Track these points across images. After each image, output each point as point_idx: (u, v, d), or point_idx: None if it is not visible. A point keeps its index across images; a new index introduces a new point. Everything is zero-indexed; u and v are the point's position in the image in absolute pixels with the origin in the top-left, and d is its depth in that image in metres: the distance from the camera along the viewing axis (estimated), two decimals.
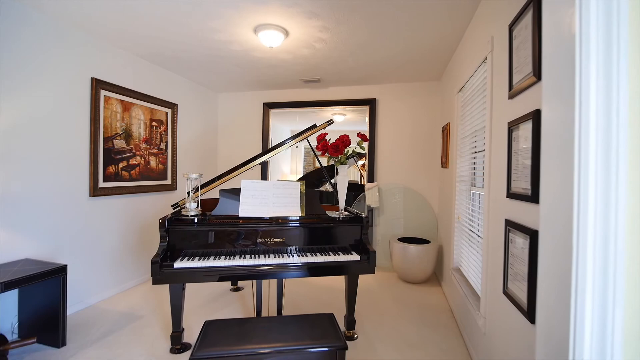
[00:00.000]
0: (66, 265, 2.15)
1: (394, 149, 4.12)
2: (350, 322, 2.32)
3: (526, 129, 1.31)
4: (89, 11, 2.31)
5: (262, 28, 2.48)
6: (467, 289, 2.31)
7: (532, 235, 1.23)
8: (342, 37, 2.67)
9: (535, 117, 1.23)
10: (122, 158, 3.06)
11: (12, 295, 2.24)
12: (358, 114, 5.09)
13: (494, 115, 1.76)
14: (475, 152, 2.39)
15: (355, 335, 2.32)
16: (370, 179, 4.19)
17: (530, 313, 1.23)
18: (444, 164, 3.39)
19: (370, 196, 4.01)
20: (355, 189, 4.38)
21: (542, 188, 1.19)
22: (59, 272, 2.11)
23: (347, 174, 4.97)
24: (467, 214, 2.51)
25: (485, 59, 1.91)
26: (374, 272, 2.10)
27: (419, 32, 2.57)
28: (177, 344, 2.12)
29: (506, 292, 1.50)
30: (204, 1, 2.15)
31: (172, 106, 3.69)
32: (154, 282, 1.84)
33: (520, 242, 1.35)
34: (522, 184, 1.34)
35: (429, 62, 3.25)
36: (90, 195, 2.75)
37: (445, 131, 3.32)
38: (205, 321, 1.68)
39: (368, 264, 2.09)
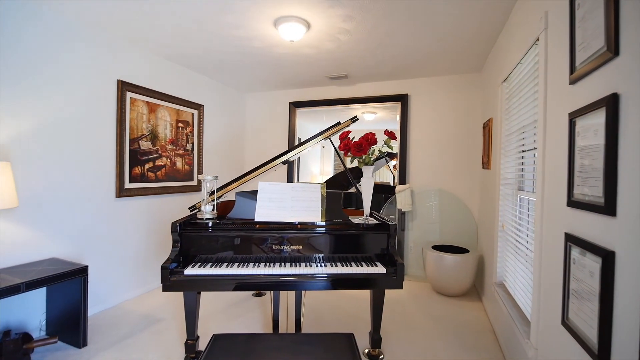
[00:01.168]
0: (87, 266, 2.16)
1: (429, 149, 3.80)
2: (376, 340, 2.09)
3: (596, 119, 1.02)
4: (113, 14, 2.31)
5: (282, 21, 2.34)
6: (514, 310, 1.98)
7: (606, 258, 0.94)
8: (368, 26, 2.45)
9: (610, 103, 0.94)
10: (148, 159, 3.08)
11: (41, 294, 2.30)
12: (389, 111, 4.80)
13: (550, 106, 1.46)
14: (523, 151, 2.06)
15: (381, 356, 2.10)
16: (402, 180, 3.90)
17: (602, 357, 0.95)
18: (486, 164, 3.03)
19: (402, 199, 3.73)
20: (387, 191, 4.12)
21: (622, 196, 0.90)
22: (80, 273, 2.12)
23: (378, 174, 4.72)
24: (513, 221, 2.18)
25: (537, 39, 1.60)
26: (401, 287, 1.86)
27: (456, 17, 2.29)
28: (192, 353, 2.03)
29: (566, 324, 1.20)
30: None
31: (198, 107, 3.69)
32: (164, 289, 1.76)
33: (587, 265, 1.06)
34: (590, 190, 1.05)
35: (468, 51, 2.92)
36: (116, 196, 2.78)
37: (487, 128, 2.96)
38: (213, 335, 1.56)
39: (395, 277, 1.85)
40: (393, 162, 4.20)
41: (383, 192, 4.03)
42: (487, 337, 2.37)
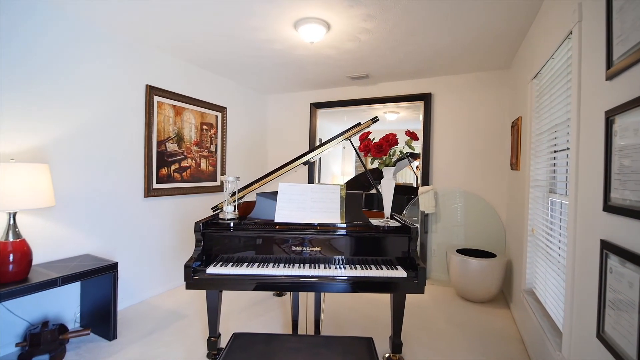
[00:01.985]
0: (117, 262, 2.26)
1: (453, 149, 3.68)
2: (397, 345, 2.05)
3: (636, 117, 0.95)
4: (142, 23, 2.41)
5: (302, 22, 2.35)
6: (544, 319, 1.88)
7: None
8: (389, 25, 2.41)
9: None
10: (174, 160, 3.19)
11: (75, 288, 2.44)
12: (412, 111, 4.70)
13: (584, 104, 1.37)
14: (555, 151, 1.95)
15: None
16: (425, 181, 3.80)
17: None
18: (514, 165, 2.90)
19: (425, 201, 3.63)
20: (410, 192, 4.03)
21: None
22: (111, 269, 2.22)
23: (401, 175, 4.64)
24: (544, 226, 2.06)
25: (571, 33, 1.51)
26: (422, 292, 1.80)
27: (482, 11, 2.20)
28: (214, 349, 2.08)
29: (601, 337, 1.12)
30: (242, 0, 2.09)
31: (222, 109, 3.78)
32: (187, 287, 1.81)
33: (626, 275, 0.98)
34: (630, 195, 0.97)
35: (496, 47, 2.80)
36: (144, 196, 2.91)
37: (516, 127, 2.83)
38: (234, 333, 1.59)
39: (416, 282, 1.80)
40: (416, 163, 4.11)
41: (405, 193, 3.95)
42: (515, 346, 2.26)
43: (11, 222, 1.89)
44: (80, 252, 2.45)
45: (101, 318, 2.31)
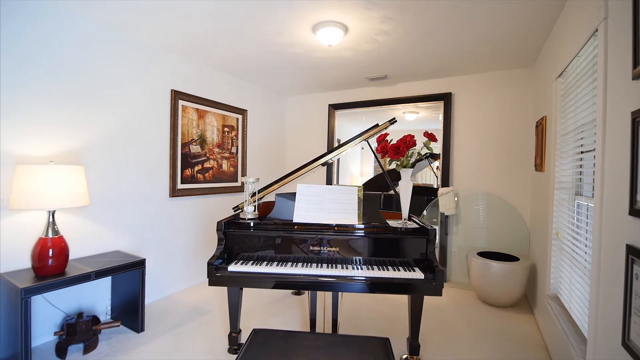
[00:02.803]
0: (145, 259, 2.38)
1: (475, 150, 3.61)
2: (414, 347, 2.04)
3: None
4: (168, 31, 2.53)
5: (320, 26, 2.39)
6: (568, 326, 1.82)
7: None
8: (407, 26, 2.41)
9: None
10: (197, 162, 3.31)
11: (107, 282, 2.59)
12: (432, 110, 4.64)
13: (610, 104, 1.32)
14: (582, 152, 1.89)
15: None
16: (445, 183, 3.75)
17: None
18: (539, 166, 2.81)
19: (445, 202, 3.58)
20: (429, 193, 3.98)
21: None
22: (139, 265, 2.35)
23: (421, 176, 4.59)
24: (569, 229, 2.00)
25: (596, 30, 1.46)
26: (440, 294, 1.80)
27: (503, 9, 2.16)
28: (234, 345, 2.16)
29: (627, 345, 1.09)
30: (262, 6, 2.15)
31: (242, 112, 3.88)
32: (210, 284, 1.89)
33: None
34: None
35: (519, 45, 2.72)
36: (169, 196, 3.04)
37: (540, 127, 2.74)
38: (254, 329, 1.65)
39: (434, 284, 1.80)
40: (436, 163, 4.06)
41: (425, 195, 3.90)
42: (539, 353, 2.20)
43: (50, 219, 2.04)
44: (110, 249, 2.60)
45: (130, 311, 2.44)
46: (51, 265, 1.99)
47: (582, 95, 1.76)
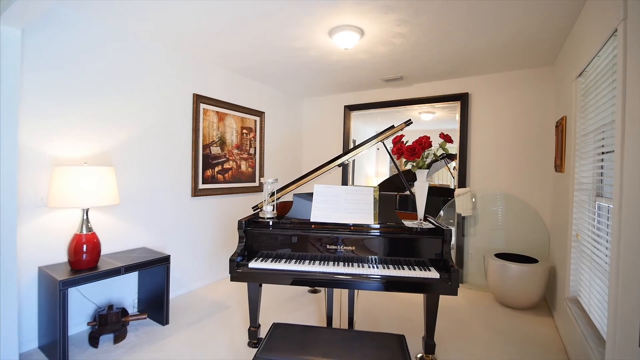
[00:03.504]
0: (169, 255, 2.51)
1: (492, 150, 3.57)
2: (430, 346, 2.07)
3: None
4: (191, 37, 2.65)
5: (337, 30, 2.44)
6: (587, 328, 1.80)
7: None
8: (423, 28, 2.43)
9: None
10: (217, 163, 3.44)
11: (134, 276, 2.74)
12: (448, 110, 4.60)
13: (629, 104, 1.32)
14: (603, 153, 1.86)
15: None
16: (462, 183, 3.73)
17: None
18: (559, 167, 2.76)
19: (461, 203, 3.56)
20: (446, 194, 3.96)
21: None
22: (164, 261, 2.47)
23: (437, 176, 4.56)
24: (590, 231, 1.97)
25: (615, 31, 1.45)
26: (455, 294, 1.82)
27: (522, 9, 2.15)
28: (254, 339, 2.24)
29: None
30: (281, 13, 2.23)
31: (260, 114, 3.99)
32: (232, 279, 1.98)
33: None
34: None
35: (538, 44, 2.69)
36: (191, 196, 3.17)
37: (561, 127, 2.70)
38: (273, 323, 1.72)
39: (449, 283, 1.82)
40: (453, 164, 4.03)
41: (442, 195, 3.89)
42: (558, 356, 2.17)
43: (84, 217, 2.19)
44: (137, 245, 2.74)
45: (155, 305, 2.57)
46: (85, 259, 2.13)
47: (603, 95, 1.74)
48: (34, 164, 2.14)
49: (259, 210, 2.44)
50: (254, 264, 1.98)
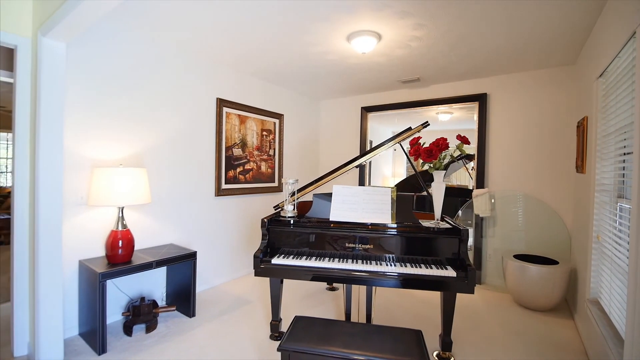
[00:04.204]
0: (196, 251, 2.66)
1: (512, 150, 3.55)
2: (447, 343, 2.11)
3: None
4: (214, 45, 2.80)
5: (355, 35, 2.52)
6: (608, 330, 1.80)
7: None
8: (440, 31, 2.47)
9: None
10: (239, 164, 3.58)
11: (163, 271, 2.91)
12: (466, 111, 4.58)
13: None
14: (624, 154, 1.85)
15: (452, 358, 2.11)
16: (480, 184, 3.72)
17: None
18: (580, 168, 2.73)
19: (480, 204, 3.56)
20: (464, 195, 3.95)
21: None
22: (191, 257, 2.62)
23: (456, 177, 4.55)
24: (611, 232, 1.96)
25: (634, 33, 1.46)
26: (472, 292, 1.86)
27: (541, 9, 2.16)
28: (276, 332, 2.35)
29: None
30: (300, 19, 2.32)
31: (279, 116, 4.11)
32: (256, 274, 2.10)
33: None
34: None
35: (558, 44, 2.67)
36: (215, 195, 3.32)
37: (582, 127, 2.67)
38: (295, 316, 1.82)
39: (466, 282, 1.87)
40: (471, 164, 4.02)
41: (459, 196, 3.89)
42: (578, 357, 2.16)
43: (120, 214, 2.36)
44: (166, 242, 2.91)
45: (182, 298, 2.73)
46: (121, 254, 2.30)
47: (623, 96, 1.74)
48: (76, 166, 2.33)
49: (280, 209, 2.55)
50: (276, 260, 2.09)
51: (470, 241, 3.66)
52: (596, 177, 2.21)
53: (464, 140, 2.13)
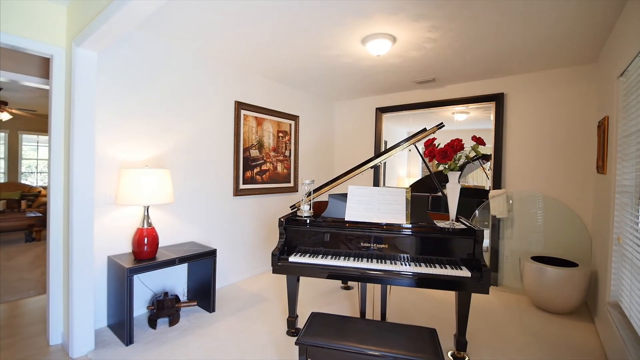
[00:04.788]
0: (216, 249, 2.76)
1: (529, 150, 3.50)
2: (462, 343, 2.13)
3: None
4: (231, 50, 2.90)
5: (370, 38, 2.56)
6: (627, 333, 1.78)
7: None
8: (455, 33, 2.48)
9: None
10: (256, 165, 3.67)
11: (184, 267, 3.03)
12: (482, 111, 4.53)
13: None
14: None
15: (467, 358, 2.12)
16: (497, 185, 3.68)
17: None
18: (600, 168, 2.68)
19: (496, 205, 3.52)
20: (480, 196, 3.92)
21: None
22: (211, 254, 2.73)
23: (472, 177, 4.51)
24: (632, 234, 1.93)
25: None
26: (487, 292, 1.87)
27: (558, 9, 2.14)
28: (292, 328, 2.42)
29: None
30: (317, 24, 2.39)
31: (295, 118, 4.19)
32: (273, 272, 2.18)
33: None
34: None
35: (578, 43, 2.63)
36: (233, 195, 3.43)
37: (603, 127, 2.62)
38: (312, 312, 1.88)
39: (481, 282, 1.88)
40: (488, 164, 3.98)
41: (476, 197, 3.85)
42: None
43: (146, 213, 2.48)
44: (187, 240, 3.04)
45: (203, 294, 2.84)
46: (146, 251, 2.42)
47: None
48: (106, 167, 2.47)
49: (296, 209, 2.62)
50: (293, 258, 2.16)
51: (487, 242, 3.63)
52: (617, 177, 2.17)
53: (479, 141, 2.14)
